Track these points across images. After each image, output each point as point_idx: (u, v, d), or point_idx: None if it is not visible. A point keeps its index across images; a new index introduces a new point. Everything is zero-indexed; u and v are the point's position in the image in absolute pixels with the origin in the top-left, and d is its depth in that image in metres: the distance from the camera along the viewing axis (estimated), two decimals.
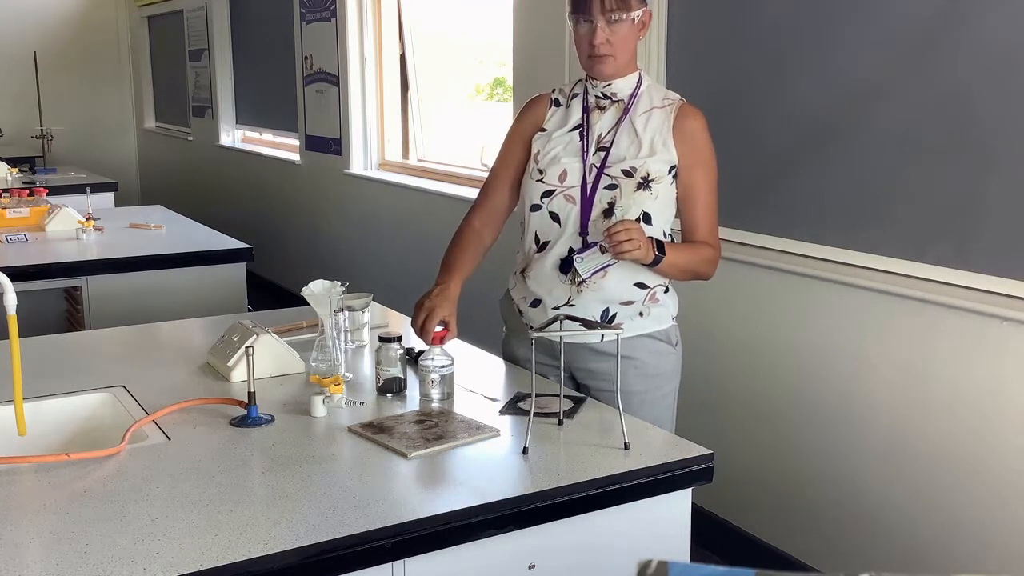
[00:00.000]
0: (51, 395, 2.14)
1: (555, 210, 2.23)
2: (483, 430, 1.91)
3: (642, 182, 2.18)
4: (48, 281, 3.55)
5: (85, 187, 4.77)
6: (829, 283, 2.93)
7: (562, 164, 2.24)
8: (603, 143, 2.23)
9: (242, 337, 2.26)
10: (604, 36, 2.16)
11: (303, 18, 6.32)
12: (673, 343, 2.30)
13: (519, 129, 2.36)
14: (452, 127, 5.88)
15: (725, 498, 3.25)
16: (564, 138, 2.26)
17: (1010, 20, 2.44)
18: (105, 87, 9.78)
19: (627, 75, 2.24)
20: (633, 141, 2.21)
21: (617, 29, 2.16)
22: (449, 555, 1.60)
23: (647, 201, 2.18)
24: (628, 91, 2.25)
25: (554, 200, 2.23)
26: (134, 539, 1.49)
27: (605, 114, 2.25)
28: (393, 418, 1.97)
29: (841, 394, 2.93)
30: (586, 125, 2.26)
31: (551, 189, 2.24)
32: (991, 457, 2.56)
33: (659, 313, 2.26)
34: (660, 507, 1.81)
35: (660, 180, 2.19)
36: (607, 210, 2.18)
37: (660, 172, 2.19)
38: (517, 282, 2.33)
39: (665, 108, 2.23)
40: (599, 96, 2.26)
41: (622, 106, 2.24)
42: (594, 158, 2.22)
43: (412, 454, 1.79)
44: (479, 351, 2.47)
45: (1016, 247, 2.47)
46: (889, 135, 2.74)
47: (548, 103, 2.34)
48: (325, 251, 6.42)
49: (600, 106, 2.26)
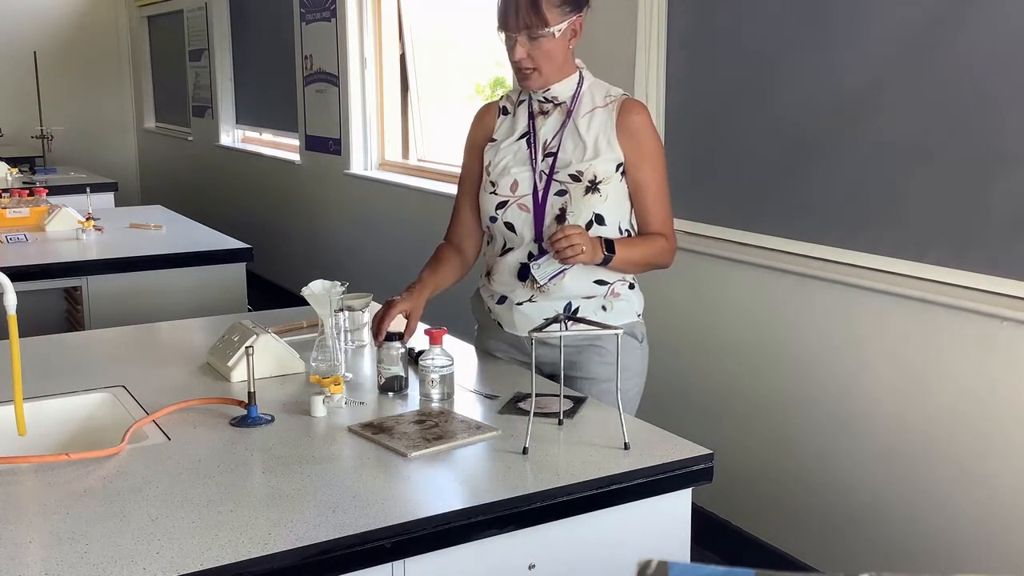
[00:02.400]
0: (51, 395, 2.14)
1: (510, 220, 2.26)
2: (483, 429, 1.91)
3: (590, 185, 2.19)
4: (48, 281, 3.55)
5: (85, 187, 4.77)
6: (829, 283, 2.93)
7: (512, 174, 2.26)
8: (549, 148, 2.24)
9: (242, 337, 2.26)
10: (524, 51, 2.15)
11: (303, 18, 6.33)
12: (639, 338, 2.33)
13: (472, 141, 2.39)
14: (452, 127, 5.87)
15: (725, 498, 3.25)
16: (513, 147, 2.28)
17: (1008, 22, 2.44)
18: (105, 87, 9.78)
19: (564, 78, 2.23)
20: (578, 144, 2.22)
21: (539, 44, 2.15)
22: (449, 555, 1.60)
23: (597, 203, 2.20)
24: (568, 93, 2.24)
25: (508, 210, 2.26)
26: (134, 539, 1.49)
27: (549, 119, 2.26)
28: (393, 418, 1.97)
29: (841, 394, 2.93)
30: (532, 132, 2.27)
31: (504, 200, 2.27)
32: (991, 457, 2.56)
33: (622, 307, 2.29)
34: (660, 507, 1.81)
35: (608, 180, 2.20)
36: (559, 216, 2.21)
37: (607, 172, 2.20)
38: (484, 283, 2.38)
39: (607, 106, 2.23)
40: (541, 101, 2.27)
41: (565, 108, 2.25)
42: (543, 164, 2.24)
43: (412, 454, 1.79)
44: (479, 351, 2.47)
45: (1016, 247, 2.47)
46: (889, 135, 2.74)
47: (496, 112, 2.36)
48: (325, 251, 6.42)
49: (543, 111, 2.27)
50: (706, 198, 3.34)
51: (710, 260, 3.29)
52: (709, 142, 3.32)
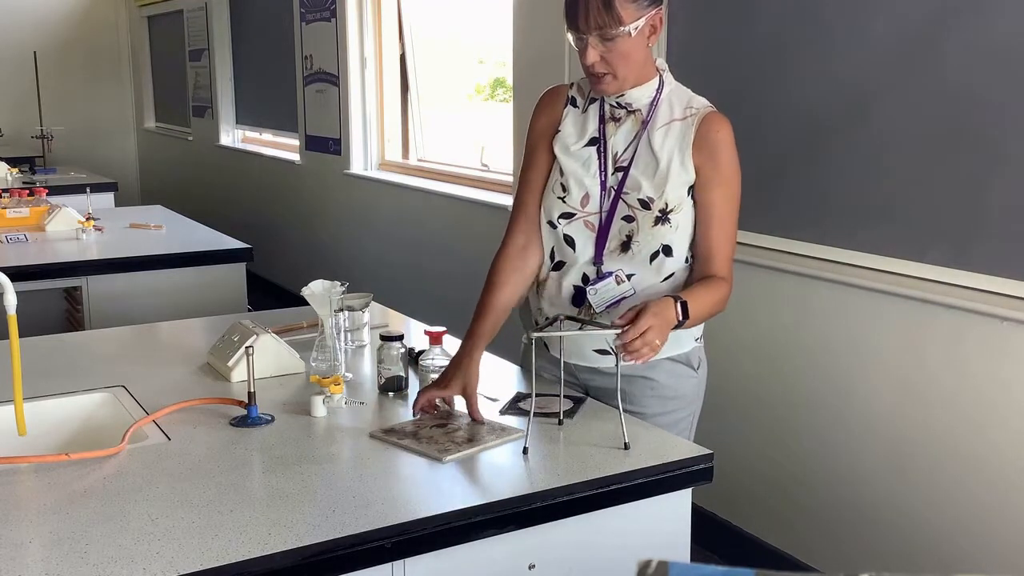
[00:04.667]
0: (51, 395, 2.14)
1: (571, 234, 2.05)
2: (508, 431, 1.90)
3: (660, 216, 1.99)
4: (48, 281, 3.55)
5: (85, 187, 4.77)
6: (829, 283, 2.93)
7: (585, 186, 2.04)
8: (620, 162, 2.02)
9: (242, 337, 2.26)
10: (597, 54, 1.92)
11: (303, 18, 6.33)
12: (695, 366, 2.14)
13: (540, 129, 2.12)
14: (452, 127, 5.88)
15: (725, 498, 3.25)
16: (582, 153, 2.05)
17: (1010, 20, 2.44)
18: (105, 87, 9.78)
19: (643, 83, 2.00)
20: (650, 162, 2.00)
21: (613, 46, 1.91)
22: (449, 555, 1.60)
23: (667, 235, 2.00)
24: (646, 100, 2.01)
25: (572, 224, 2.05)
26: (134, 539, 1.49)
27: (621, 127, 2.03)
28: (412, 423, 1.95)
29: (841, 394, 2.93)
30: (602, 139, 2.04)
31: (571, 212, 2.05)
32: (991, 457, 2.56)
33: (678, 336, 2.02)
34: (660, 507, 1.81)
35: (679, 208, 2.00)
36: (624, 243, 2.02)
37: (679, 199, 1.99)
38: (533, 294, 2.17)
39: (686, 120, 2.00)
40: (614, 105, 2.03)
41: (640, 117, 2.02)
42: (612, 179, 2.02)
43: (447, 458, 1.78)
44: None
45: (1016, 247, 2.47)
46: (889, 135, 2.74)
47: (565, 100, 2.11)
48: (325, 251, 6.42)
49: (615, 117, 2.04)
50: None
51: None
52: None
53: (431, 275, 5.16)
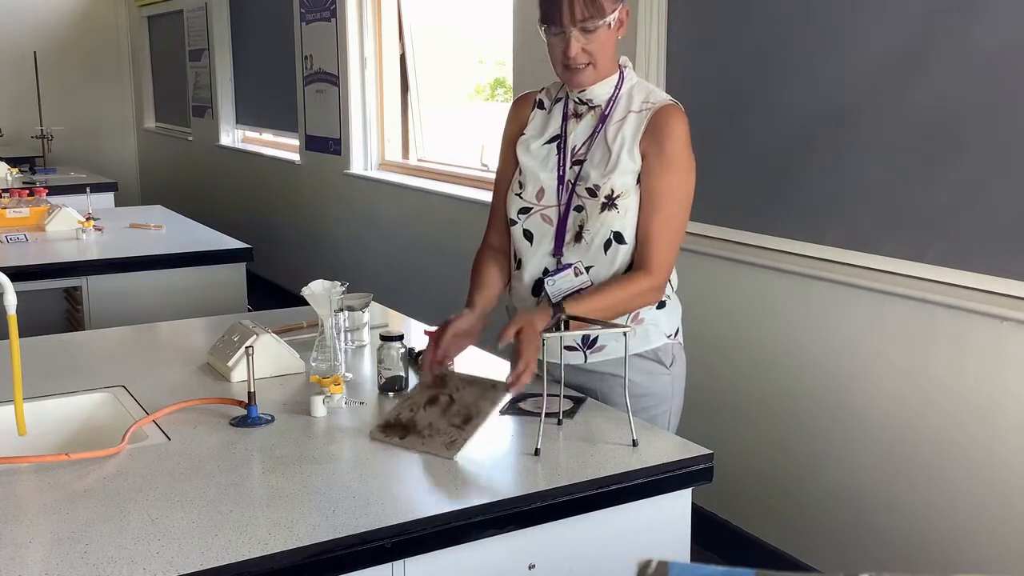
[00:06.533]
0: (51, 395, 2.14)
1: (530, 228, 2.12)
2: (497, 387, 1.88)
3: (607, 201, 2.02)
4: (48, 281, 3.55)
5: (85, 187, 4.77)
6: (829, 283, 2.93)
7: (540, 180, 2.11)
8: (578, 156, 2.08)
9: (242, 337, 2.26)
10: (579, 46, 1.98)
11: (303, 18, 6.33)
12: (667, 363, 2.14)
13: (509, 135, 2.23)
14: (452, 127, 5.88)
15: (725, 498, 3.25)
16: (542, 150, 2.13)
17: (1005, 22, 2.44)
18: (105, 87, 9.78)
19: (605, 79, 2.07)
20: (605, 153, 2.05)
21: (593, 37, 1.98)
22: (449, 555, 1.60)
23: (615, 220, 2.03)
24: (606, 96, 2.07)
25: (531, 218, 2.12)
26: (134, 539, 1.49)
27: (581, 123, 2.10)
28: (406, 407, 1.93)
29: (841, 394, 2.93)
30: (563, 136, 2.11)
31: (528, 207, 2.12)
32: (991, 457, 2.56)
33: (646, 332, 2.10)
34: (660, 507, 1.81)
35: (626, 194, 2.02)
36: (578, 233, 2.06)
37: (625, 185, 2.02)
38: (505, 294, 2.24)
39: (641, 112, 2.04)
40: (577, 102, 2.10)
41: (599, 113, 2.08)
42: (570, 173, 2.08)
43: (456, 454, 1.77)
44: (478, 350, 2.47)
45: (1016, 247, 2.47)
46: (889, 135, 2.74)
47: (532, 104, 2.20)
48: (325, 251, 6.42)
49: (578, 113, 2.11)
50: (706, 199, 3.32)
51: (710, 260, 3.28)
52: (708, 143, 3.32)
53: (431, 275, 5.16)
